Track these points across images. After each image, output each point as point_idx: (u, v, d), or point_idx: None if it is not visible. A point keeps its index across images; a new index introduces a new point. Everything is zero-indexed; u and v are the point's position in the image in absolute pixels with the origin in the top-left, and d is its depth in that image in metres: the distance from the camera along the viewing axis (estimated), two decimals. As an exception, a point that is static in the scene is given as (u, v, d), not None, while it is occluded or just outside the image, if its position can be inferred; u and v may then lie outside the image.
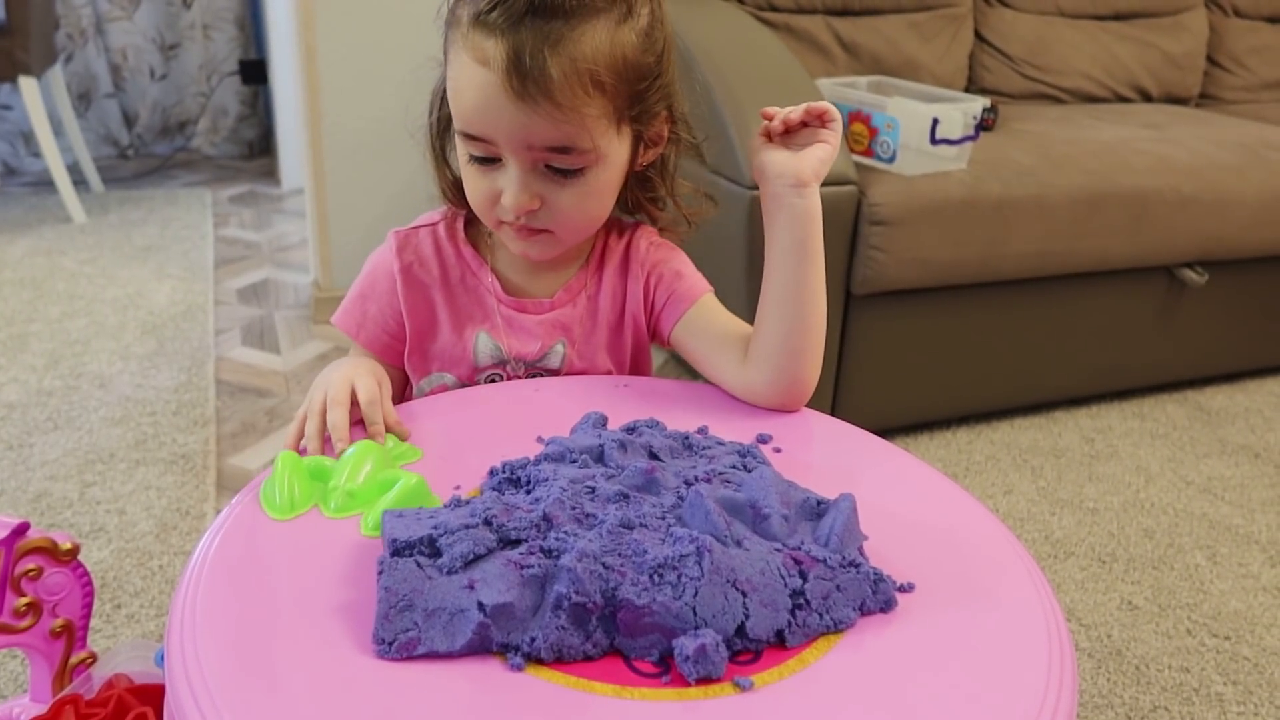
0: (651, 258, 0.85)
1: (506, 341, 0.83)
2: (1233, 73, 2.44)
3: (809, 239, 0.77)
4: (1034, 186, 1.60)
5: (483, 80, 0.68)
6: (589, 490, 0.57)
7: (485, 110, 0.69)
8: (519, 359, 0.83)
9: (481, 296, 0.84)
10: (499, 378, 0.84)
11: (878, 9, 2.07)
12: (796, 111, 0.77)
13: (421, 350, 0.84)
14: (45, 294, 2.12)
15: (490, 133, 0.71)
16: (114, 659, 0.81)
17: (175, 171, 3.13)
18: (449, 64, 0.73)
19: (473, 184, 0.76)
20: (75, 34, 3.02)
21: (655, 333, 0.86)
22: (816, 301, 0.77)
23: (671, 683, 0.48)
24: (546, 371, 0.84)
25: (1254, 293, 1.93)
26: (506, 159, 0.72)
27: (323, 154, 1.99)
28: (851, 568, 0.53)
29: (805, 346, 0.76)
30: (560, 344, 0.84)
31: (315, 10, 1.87)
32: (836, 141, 0.78)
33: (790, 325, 0.76)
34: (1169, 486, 1.63)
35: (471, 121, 0.71)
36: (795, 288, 0.76)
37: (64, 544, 0.78)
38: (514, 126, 0.69)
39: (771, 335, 0.77)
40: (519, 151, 0.71)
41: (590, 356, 0.85)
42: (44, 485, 1.44)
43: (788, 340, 0.76)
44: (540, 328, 0.83)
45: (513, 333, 0.83)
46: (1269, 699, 1.17)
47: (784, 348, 0.76)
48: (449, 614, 0.49)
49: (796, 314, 0.76)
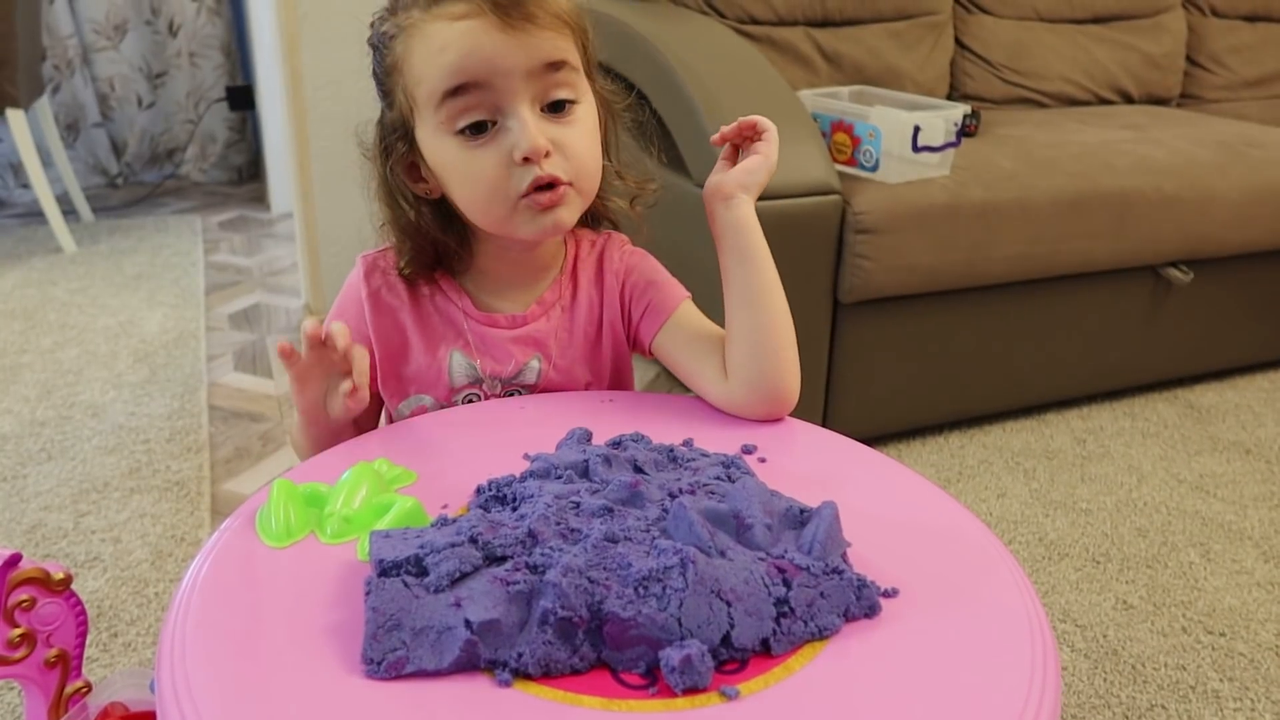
0: (624, 265, 0.86)
1: (480, 360, 0.83)
2: (1212, 72, 2.46)
3: (748, 246, 0.79)
4: (1017, 190, 1.62)
5: (464, 29, 0.71)
6: (574, 505, 0.58)
7: (476, 51, 0.70)
8: (494, 377, 0.83)
9: (452, 315, 0.83)
10: (476, 397, 0.84)
11: (858, 19, 2.08)
12: (729, 128, 0.82)
13: (396, 374, 0.84)
14: (37, 324, 2.13)
15: (485, 73, 0.71)
16: (109, 687, 0.81)
17: (165, 199, 3.14)
18: (410, 54, 0.74)
19: (473, 167, 0.74)
20: (62, 65, 3.04)
21: (636, 344, 0.87)
22: (773, 303, 0.79)
23: (659, 694, 0.49)
24: (523, 388, 0.84)
25: (1239, 289, 1.94)
26: (507, 107, 0.72)
27: (311, 178, 2.00)
28: (835, 575, 0.53)
29: (774, 350, 0.77)
30: (535, 359, 0.84)
31: (300, 35, 1.88)
32: (769, 150, 0.81)
33: (754, 333, 0.77)
34: (1161, 485, 1.64)
35: (464, 69, 0.71)
36: (748, 293, 0.79)
37: (56, 574, 0.78)
38: (509, 55, 0.71)
39: (739, 345, 0.78)
40: (517, 86, 0.72)
41: (567, 370, 0.85)
42: (38, 516, 1.44)
43: (756, 346, 0.77)
44: (513, 344, 0.83)
45: (485, 350, 0.83)
46: (1265, 694, 1.18)
47: (754, 354, 0.77)
48: (436, 632, 0.50)
49: (757, 320, 0.78)
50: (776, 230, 1.44)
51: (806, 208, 1.46)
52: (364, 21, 0.82)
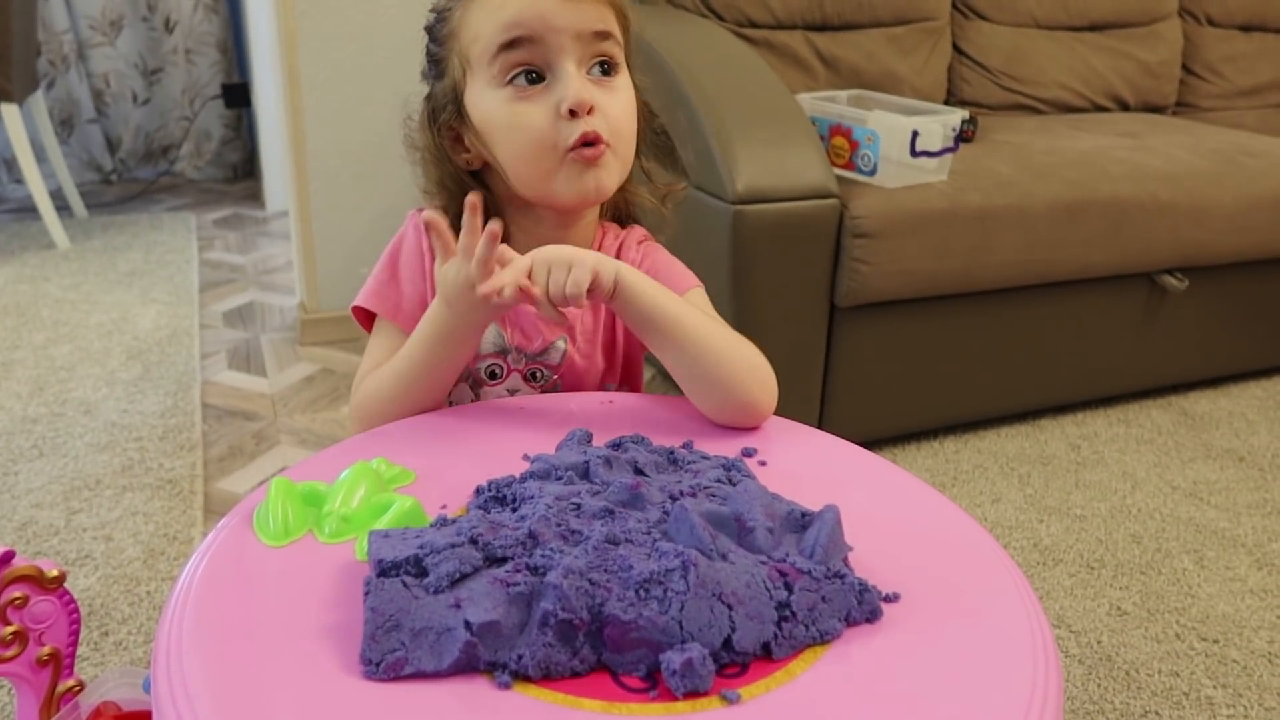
0: (640, 256, 0.87)
1: (510, 331, 0.84)
2: (1208, 81, 2.47)
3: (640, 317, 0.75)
4: (1014, 196, 1.62)
5: None
6: (574, 507, 0.57)
7: (532, 7, 0.75)
8: (520, 350, 0.85)
9: None
10: (499, 367, 0.85)
11: (857, 23, 2.09)
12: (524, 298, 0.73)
13: None
14: (29, 321, 2.11)
15: (539, 27, 0.75)
16: (101, 686, 0.80)
17: (159, 196, 3.13)
18: (468, 15, 0.79)
19: (523, 118, 0.77)
20: (57, 60, 3.02)
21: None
22: (696, 335, 0.75)
23: (659, 697, 0.48)
24: (546, 366, 0.85)
25: (1234, 297, 1.95)
26: (556, 64, 0.76)
27: (306, 176, 1.99)
28: (836, 579, 0.53)
29: (722, 375, 0.74)
30: (562, 340, 0.85)
31: (297, 33, 1.88)
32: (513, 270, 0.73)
33: (693, 367, 0.75)
34: (1155, 492, 1.64)
35: (520, 22, 0.75)
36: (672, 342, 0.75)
37: (50, 571, 0.78)
38: (562, 15, 0.76)
39: (687, 384, 0.76)
40: (569, 44, 0.76)
41: (590, 354, 0.86)
42: (30, 513, 1.43)
43: (702, 380, 0.75)
44: (544, 322, 0.84)
45: (516, 324, 0.85)
46: (1258, 701, 1.18)
47: (707, 388, 0.75)
48: (436, 633, 0.49)
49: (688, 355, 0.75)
50: (774, 233, 1.46)
51: (804, 211, 1.46)
52: (361, 21, 0.84)
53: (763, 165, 1.44)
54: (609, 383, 0.89)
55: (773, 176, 1.44)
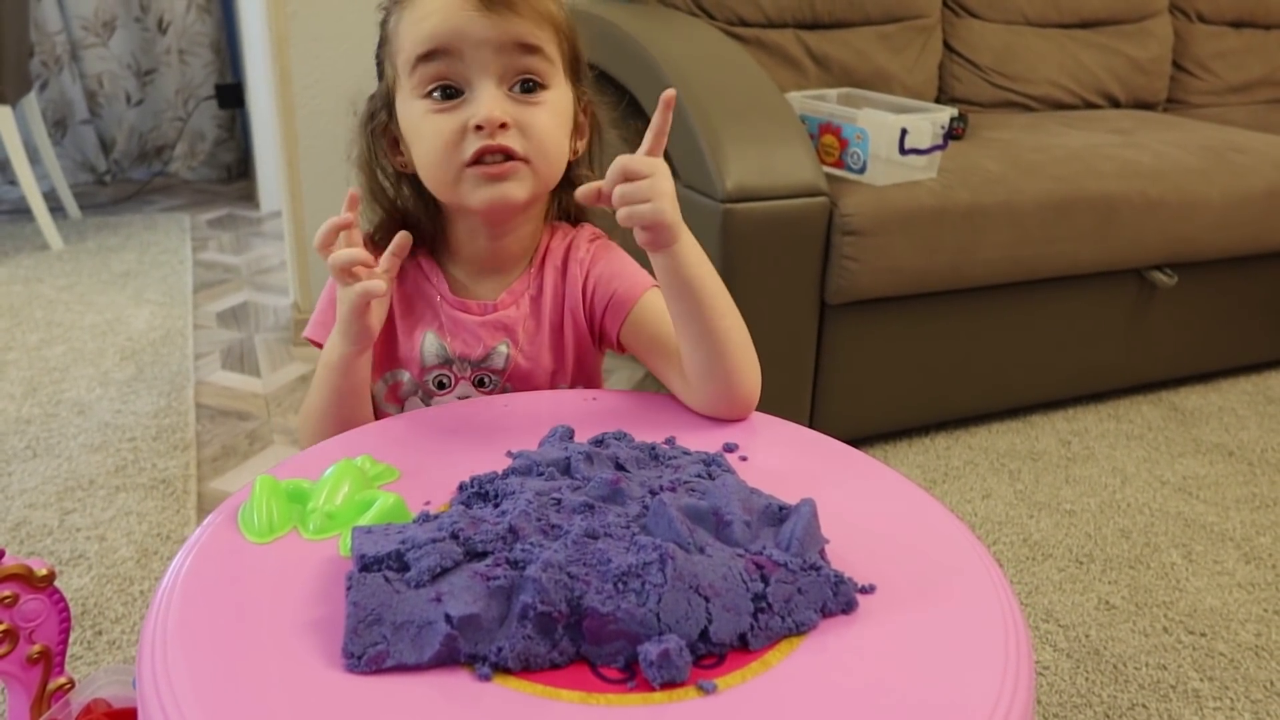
0: (590, 256, 0.87)
1: (450, 342, 0.86)
2: (1198, 77, 2.48)
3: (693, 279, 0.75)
4: (1003, 193, 1.63)
5: (446, 1, 0.75)
6: (555, 502, 0.58)
7: (451, 20, 0.75)
8: (463, 359, 0.86)
9: (429, 296, 0.87)
10: (447, 378, 0.87)
11: (847, 21, 2.09)
12: (606, 182, 0.73)
13: (377, 350, 0.86)
14: (23, 321, 2.12)
15: (456, 41, 0.75)
16: (92, 684, 0.81)
17: (153, 196, 3.13)
18: (399, 24, 0.79)
19: (433, 127, 0.78)
20: (50, 61, 3.02)
21: (604, 338, 0.88)
22: (720, 309, 0.76)
23: (637, 688, 0.49)
24: (492, 372, 0.86)
25: (1223, 293, 1.95)
26: (474, 82, 0.76)
27: (300, 176, 2.00)
28: (812, 571, 0.54)
29: (729, 356, 0.76)
30: (503, 344, 0.86)
31: (290, 33, 1.88)
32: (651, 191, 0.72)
33: (705, 340, 0.76)
34: (1145, 487, 1.65)
35: (437, 35, 0.75)
36: (697, 310, 0.75)
37: (39, 570, 0.78)
38: (482, 29, 0.75)
39: (692, 355, 0.77)
40: (487, 61, 0.76)
41: (535, 356, 0.87)
42: (23, 513, 1.44)
43: (709, 354, 0.76)
44: (483, 329, 0.86)
45: (456, 333, 0.86)
46: (1244, 693, 1.19)
47: (709, 364, 0.76)
48: (417, 626, 0.50)
49: (705, 328, 0.76)
50: (764, 231, 1.46)
51: (794, 209, 1.47)
52: (352, 21, 0.85)
53: (752, 164, 1.45)
54: (560, 383, 0.89)
55: (762, 175, 1.44)
